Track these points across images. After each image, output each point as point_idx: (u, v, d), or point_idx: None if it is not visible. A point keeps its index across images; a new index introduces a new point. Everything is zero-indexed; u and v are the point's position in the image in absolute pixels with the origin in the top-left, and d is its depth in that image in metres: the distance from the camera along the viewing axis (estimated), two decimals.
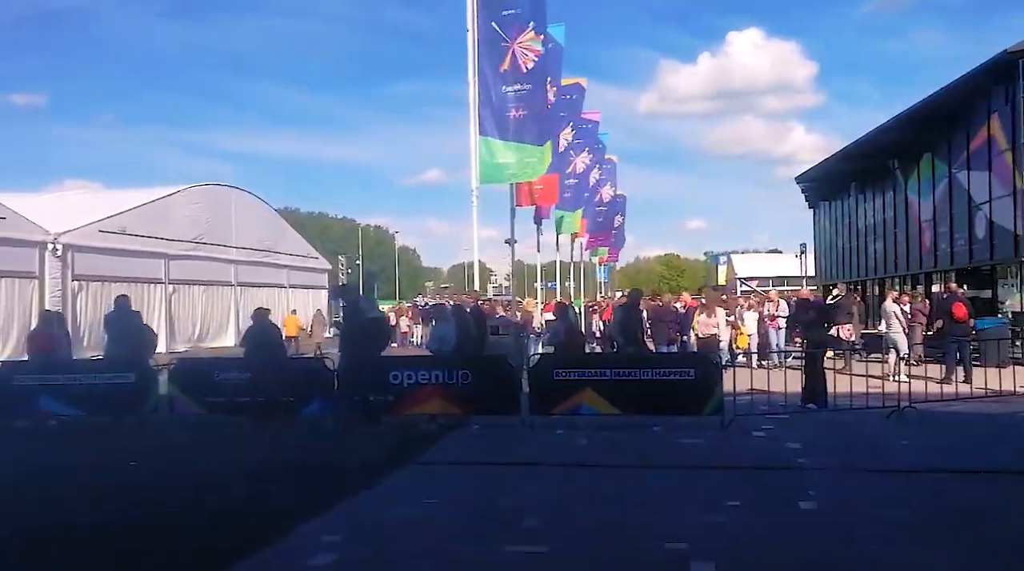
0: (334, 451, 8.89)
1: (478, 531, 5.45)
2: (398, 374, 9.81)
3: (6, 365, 10.78)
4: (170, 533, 5.62)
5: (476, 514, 5.94)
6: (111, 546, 5.33)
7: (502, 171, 14.28)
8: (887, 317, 13.81)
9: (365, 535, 5.40)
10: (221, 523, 5.87)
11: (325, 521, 5.74)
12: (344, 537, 5.32)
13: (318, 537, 5.31)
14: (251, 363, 10.33)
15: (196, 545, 5.32)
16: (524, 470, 7.64)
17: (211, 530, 5.69)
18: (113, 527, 5.79)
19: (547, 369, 9.53)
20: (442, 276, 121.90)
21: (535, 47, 13.95)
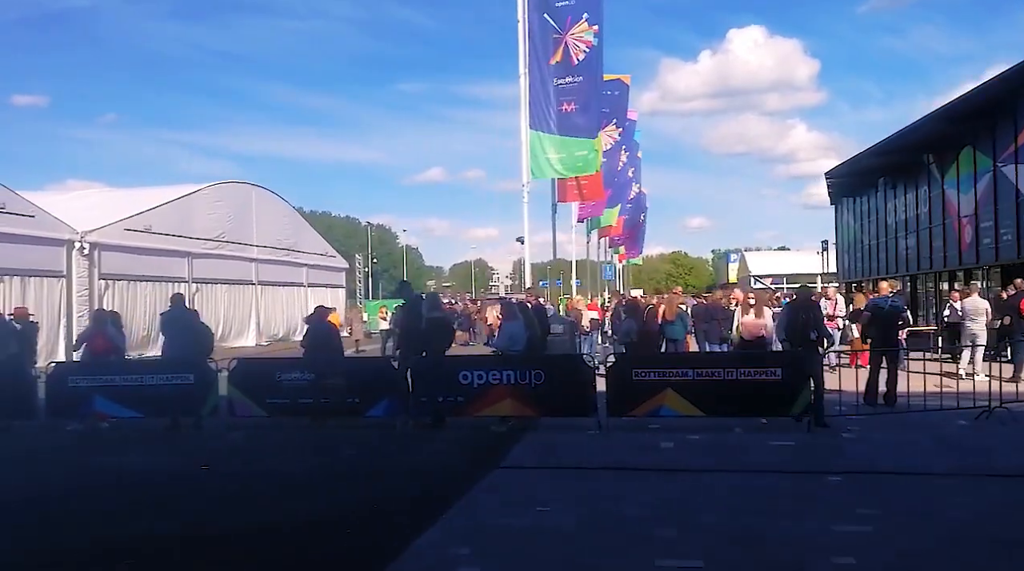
0: (410, 454, 8.57)
1: (615, 543, 5.11)
2: (468, 374, 9.46)
3: (60, 366, 10.43)
4: (278, 542, 5.32)
5: (598, 522, 5.61)
6: (226, 554, 5.03)
7: (553, 165, 13.96)
8: (972, 313, 13.38)
9: (497, 548, 5.06)
10: (332, 532, 5.54)
11: (444, 532, 5.41)
12: (475, 550, 4.99)
13: (445, 550, 4.98)
14: (314, 363, 9.99)
15: (317, 557, 5.00)
16: (618, 474, 7.28)
17: (325, 540, 5.36)
18: (221, 534, 5.50)
19: (626, 369, 9.17)
20: (444, 275, 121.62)
21: (587, 38, 13.63)
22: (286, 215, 36.05)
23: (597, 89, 13.77)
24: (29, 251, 20.00)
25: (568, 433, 9.19)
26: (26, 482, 7.55)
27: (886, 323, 10.90)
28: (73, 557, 5.17)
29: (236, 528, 5.74)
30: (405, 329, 10.67)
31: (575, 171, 14.06)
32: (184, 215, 27.45)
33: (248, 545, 5.34)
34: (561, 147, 13.80)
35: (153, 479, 7.57)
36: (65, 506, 6.57)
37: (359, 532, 5.52)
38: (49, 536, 5.66)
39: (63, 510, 6.43)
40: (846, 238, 41.32)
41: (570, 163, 13.80)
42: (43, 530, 5.83)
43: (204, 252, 28.34)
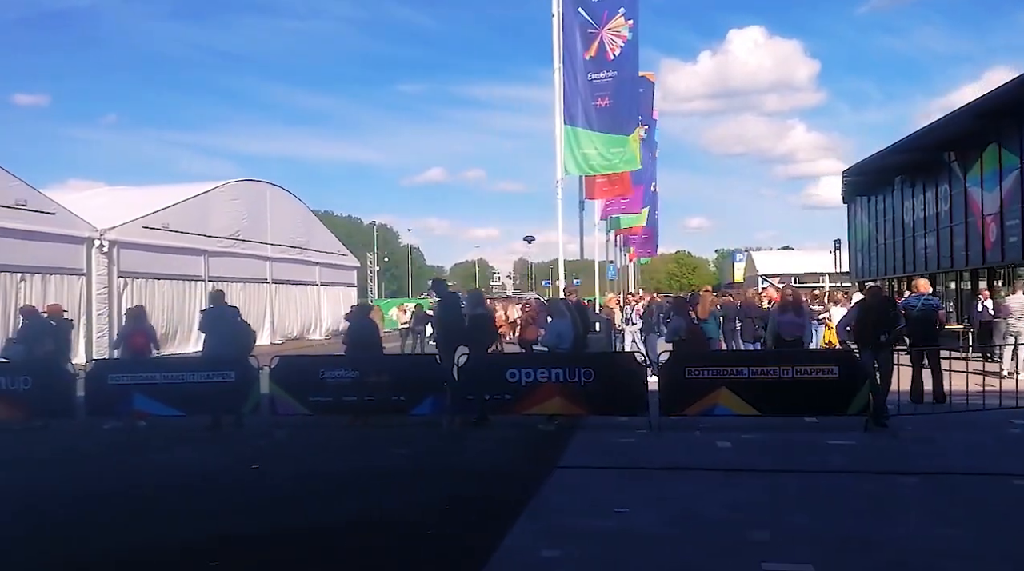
0: (462, 453, 8.42)
1: (712, 545, 4.95)
2: (515, 372, 9.30)
3: (100, 363, 10.29)
4: (361, 543, 5.17)
5: (685, 524, 5.45)
6: (314, 554, 4.89)
7: (588, 161, 13.77)
8: (1019, 311, 13.17)
9: (591, 551, 4.90)
10: (412, 533, 5.39)
11: (529, 533, 5.25)
12: (566, 553, 4.83)
13: (537, 553, 4.83)
14: (358, 361, 9.83)
15: (409, 557, 4.85)
16: (683, 475, 7.12)
17: (410, 541, 5.21)
18: (297, 533, 5.35)
19: (679, 367, 9.01)
20: (445, 274, 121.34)
21: (623, 33, 13.43)
22: (299, 213, 35.92)
23: (633, 84, 13.58)
24: (50, 248, 19.88)
25: (618, 432, 9.03)
26: (75, 482, 7.40)
27: (921, 323, 10.68)
28: (155, 556, 5.02)
29: (311, 527, 5.59)
30: (443, 326, 10.52)
31: (610, 167, 13.87)
32: (200, 213, 27.33)
33: (333, 544, 5.21)
34: (596, 143, 13.62)
35: (206, 479, 7.42)
36: (126, 507, 6.41)
37: (441, 533, 5.37)
38: (122, 537, 5.52)
39: (125, 511, 6.28)
40: (860, 237, 41.09)
41: (605, 159, 13.60)
42: (113, 531, 5.69)
43: (220, 250, 28.22)
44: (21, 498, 6.79)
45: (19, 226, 18.72)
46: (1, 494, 6.97)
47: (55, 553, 5.16)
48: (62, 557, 5.08)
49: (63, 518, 6.09)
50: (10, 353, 10.65)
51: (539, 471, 7.30)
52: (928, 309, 10.57)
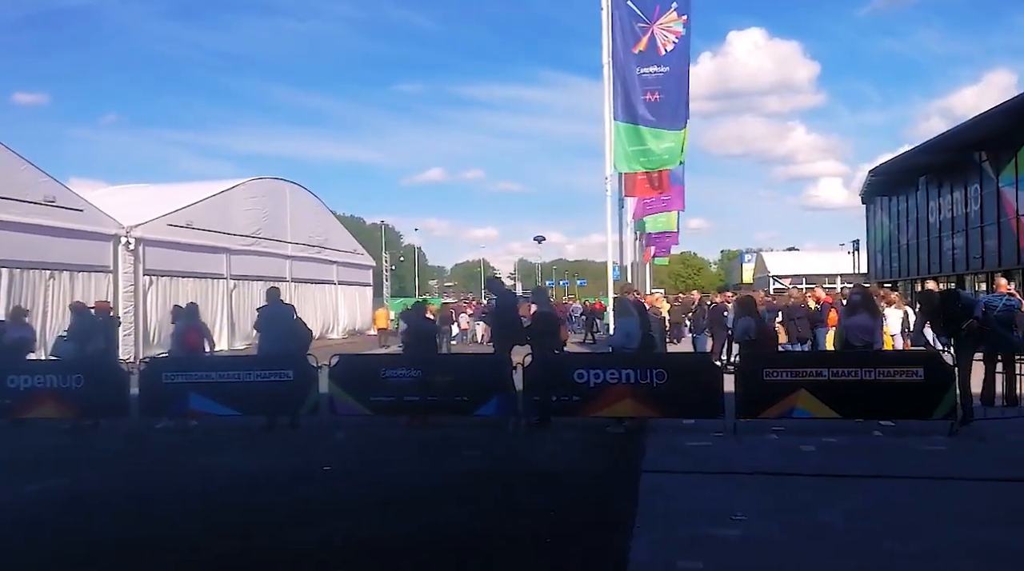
0: (536, 456, 8.16)
1: (857, 557, 4.69)
2: (584, 373, 9.03)
3: (155, 361, 10.04)
4: (477, 549, 4.92)
5: (814, 534, 5.19)
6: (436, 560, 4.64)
7: (636, 157, 13.53)
8: None
9: (729, 563, 4.64)
10: (530, 539, 5.13)
11: (653, 543, 4.99)
12: (705, 564, 4.56)
13: (673, 564, 4.57)
14: (420, 360, 9.58)
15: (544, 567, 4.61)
16: (778, 480, 6.84)
17: (530, 547, 4.96)
18: (398, 539, 5.10)
19: (756, 369, 8.74)
20: (445, 275, 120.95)
21: (676, 28, 13.20)
22: (317, 212, 35.70)
23: (684, 80, 13.30)
24: (78, 246, 19.65)
25: (691, 436, 8.76)
26: (134, 485, 7.15)
27: (1002, 323, 10.41)
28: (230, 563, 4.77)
29: (412, 535, 5.34)
30: (498, 325, 10.28)
31: (659, 164, 13.61)
32: (222, 211, 27.11)
33: (451, 553, 4.95)
34: (645, 138, 13.37)
35: (280, 482, 7.18)
36: (194, 512, 6.16)
37: (561, 542, 5.11)
38: (209, 546, 5.27)
39: (196, 518, 6.02)
40: (879, 238, 40.79)
41: (654, 155, 13.36)
42: (188, 541, 5.44)
43: (241, 248, 28.00)
44: (80, 501, 6.55)
45: (48, 223, 18.50)
46: (62, 499, 6.71)
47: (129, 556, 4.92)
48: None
49: (122, 521, 5.85)
50: (61, 351, 10.41)
51: (627, 476, 7.05)
52: (1009, 309, 10.30)
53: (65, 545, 5.33)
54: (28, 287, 17.79)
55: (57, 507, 6.38)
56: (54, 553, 5.17)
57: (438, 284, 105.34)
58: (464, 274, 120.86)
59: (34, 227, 18.05)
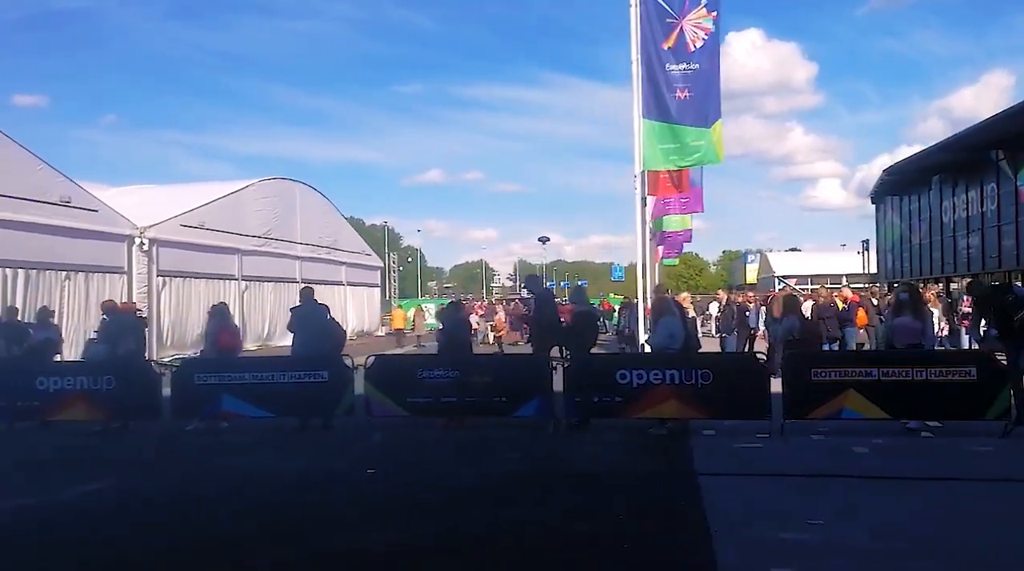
0: (582, 458, 7.99)
1: (959, 561, 4.51)
2: (626, 373, 8.86)
3: (187, 363, 9.87)
4: (542, 553, 4.75)
5: (893, 538, 5.03)
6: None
7: (666, 155, 13.34)
8: None
9: (822, 569, 4.46)
10: (607, 544, 4.96)
11: (740, 548, 4.82)
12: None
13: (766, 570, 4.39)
14: (458, 360, 9.41)
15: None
16: (841, 482, 6.66)
17: (606, 553, 4.79)
18: (463, 543, 4.95)
19: (803, 369, 8.57)
20: (444, 276, 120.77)
21: (706, 25, 12.98)
22: (326, 213, 35.49)
23: (715, 77, 13.10)
24: (93, 246, 19.47)
25: (735, 437, 8.58)
26: (178, 487, 6.98)
27: None
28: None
29: (469, 537, 5.18)
30: (538, 324, 10.11)
31: (690, 162, 13.42)
32: (233, 212, 26.91)
33: (520, 554, 4.78)
34: (675, 136, 13.17)
35: (325, 483, 7.03)
36: (251, 514, 5.99)
37: (638, 546, 4.94)
38: (266, 549, 5.10)
39: (255, 519, 5.85)
40: (890, 237, 40.57)
41: (685, 153, 13.16)
42: (233, 547, 5.26)
43: (252, 249, 27.81)
44: (125, 504, 6.38)
45: (64, 223, 18.30)
46: (107, 502, 6.54)
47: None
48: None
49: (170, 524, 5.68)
50: (92, 353, 10.23)
51: (682, 478, 6.92)
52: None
53: (120, 550, 5.16)
54: (44, 288, 17.59)
55: (104, 511, 6.22)
56: (111, 558, 5.00)
57: (437, 285, 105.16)
58: (464, 275, 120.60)
59: (50, 228, 17.86)
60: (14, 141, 17.21)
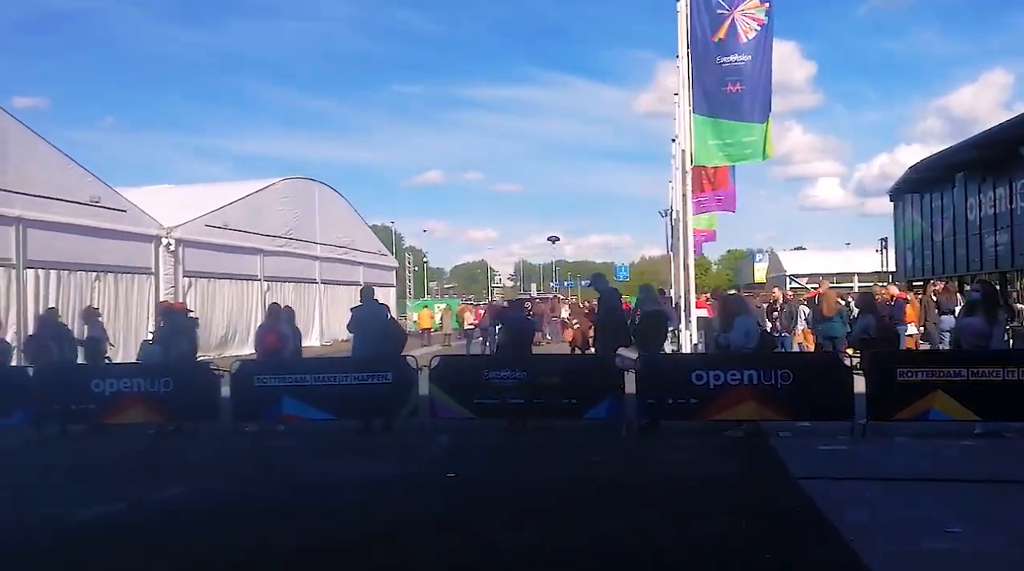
0: (666, 461, 7.72)
1: None
2: (703, 374, 8.59)
3: (246, 364, 9.62)
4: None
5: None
6: None
7: (717, 151, 13.08)
8: None
9: None
10: (729, 555, 4.70)
11: (888, 559, 4.56)
12: None
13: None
14: (526, 361, 9.16)
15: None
16: (950, 487, 6.40)
17: (747, 561, 4.53)
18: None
19: (889, 369, 8.30)
20: (445, 276, 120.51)
21: (758, 16, 12.70)
22: (344, 212, 35.30)
23: (767, 69, 12.82)
24: (122, 247, 19.29)
25: (818, 439, 8.32)
26: (258, 490, 6.74)
27: None
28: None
29: (588, 547, 4.92)
30: (602, 323, 9.86)
31: (741, 158, 13.13)
32: (255, 212, 26.73)
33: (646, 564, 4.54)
34: (725, 132, 12.92)
35: (406, 487, 6.81)
36: (341, 518, 5.74)
37: (782, 558, 4.68)
38: (367, 552, 4.86)
39: (346, 523, 5.61)
40: (910, 235, 40.24)
41: (736, 149, 12.90)
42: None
43: (274, 250, 27.64)
44: (209, 509, 6.13)
45: (93, 224, 18.12)
46: (189, 507, 6.29)
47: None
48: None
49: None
50: (148, 354, 10.00)
51: (782, 482, 6.66)
52: None
53: (220, 555, 4.93)
54: (76, 289, 17.41)
55: (201, 514, 6.00)
56: (240, 560, 4.81)
57: (438, 286, 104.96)
58: (464, 276, 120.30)
59: (80, 228, 17.68)
60: (45, 140, 17.03)
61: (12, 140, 15.95)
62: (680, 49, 13.39)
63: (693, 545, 4.99)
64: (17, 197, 15.79)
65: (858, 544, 4.82)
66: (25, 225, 15.98)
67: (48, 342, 9.84)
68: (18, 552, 5.10)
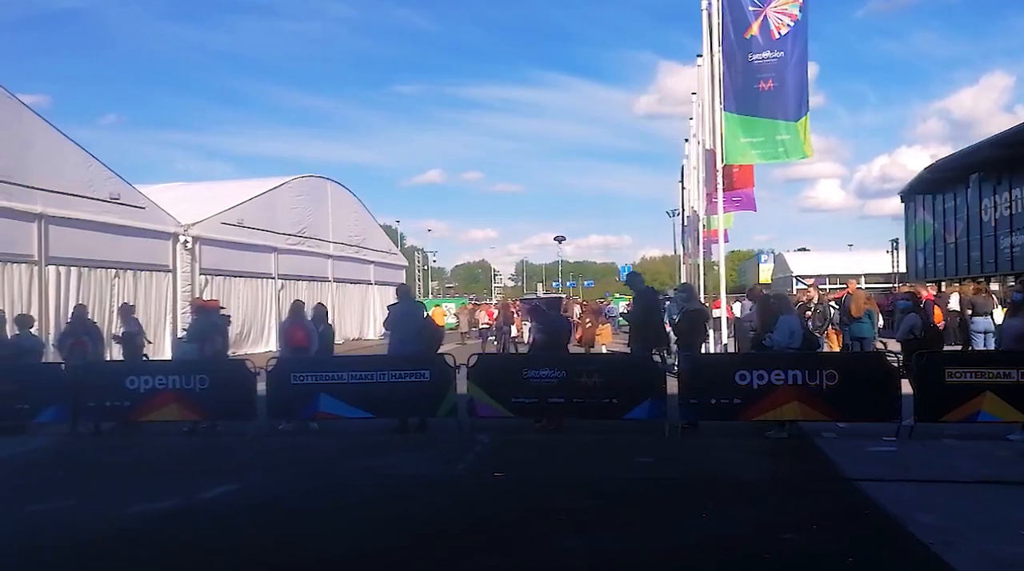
0: (713, 461, 7.62)
1: None
2: (746, 374, 8.48)
3: (281, 361, 9.50)
4: None
5: None
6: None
7: (749, 149, 12.98)
8: None
9: None
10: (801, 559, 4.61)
11: (977, 561, 4.47)
12: None
13: None
14: (565, 360, 9.06)
15: None
16: (1006, 489, 6.32)
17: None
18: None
19: (937, 369, 8.19)
20: (446, 276, 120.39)
21: (792, 11, 12.63)
22: (356, 211, 35.17)
23: (802, 66, 12.70)
24: (140, 244, 19.18)
25: (863, 440, 8.21)
26: (308, 489, 6.65)
27: None
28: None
29: (690, 545, 4.82)
30: (639, 322, 9.75)
31: (774, 157, 13.02)
32: (269, 210, 26.62)
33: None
34: (758, 129, 12.83)
35: (466, 488, 6.72)
36: (403, 518, 5.65)
37: (864, 560, 4.59)
38: (442, 555, 4.76)
39: (409, 523, 5.51)
40: (921, 237, 40.10)
41: (769, 147, 12.80)
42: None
43: (288, 248, 27.53)
44: (269, 507, 6.04)
45: (113, 221, 18.01)
46: (245, 505, 6.20)
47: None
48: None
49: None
50: (182, 353, 9.91)
51: (837, 484, 6.59)
52: None
53: (280, 554, 4.85)
54: (95, 286, 17.32)
55: (245, 513, 5.92)
56: (318, 555, 4.75)
57: (439, 285, 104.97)
58: (465, 275, 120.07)
59: (100, 225, 17.58)
60: (67, 137, 16.92)
61: (35, 136, 15.86)
62: (703, 48, 13.32)
63: (773, 547, 4.89)
64: (40, 193, 15.70)
65: (939, 547, 4.73)
66: (47, 222, 15.89)
67: (83, 338, 9.77)
68: (83, 547, 5.03)
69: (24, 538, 5.24)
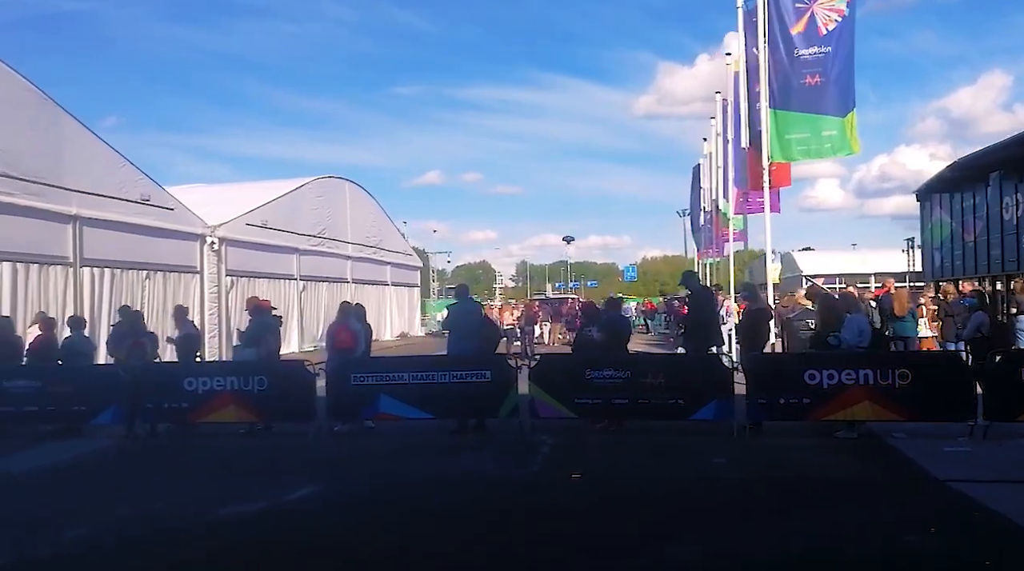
0: (789, 462, 7.52)
1: None
2: (816, 373, 8.38)
3: (340, 362, 9.40)
4: None
5: None
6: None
7: (795, 146, 12.87)
8: None
9: None
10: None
11: None
12: None
13: None
14: (629, 360, 8.96)
15: None
16: None
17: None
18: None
19: (1011, 368, 8.08)
20: (447, 277, 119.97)
21: (839, 7, 12.53)
22: (373, 212, 35.13)
23: (849, 61, 12.59)
24: (170, 245, 19.13)
25: (935, 440, 8.10)
26: (387, 492, 6.55)
27: None
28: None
29: (806, 549, 4.72)
30: (694, 322, 9.66)
31: (820, 154, 12.92)
32: (291, 211, 26.57)
33: None
34: (804, 126, 12.72)
35: (545, 490, 6.65)
36: (492, 521, 5.56)
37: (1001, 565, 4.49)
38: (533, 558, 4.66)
39: (500, 525, 5.42)
40: (938, 236, 39.90)
41: (815, 144, 12.69)
42: None
43: (309, 249, 27.48)
44: (355, 508, 5.95)
45: (143, 222, 17.95)
46: (331, 505, 6.11)
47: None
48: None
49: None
50: (242, 355, 9.82)
51: (931, 486, 6.46)
52: None
53: (370, 553, 4.79)
54: (127, 288, 17.26)
55: (332, 514, 5.82)
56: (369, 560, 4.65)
57: (440, 286, 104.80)
58: (466, 277, 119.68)
59: (132, 226, 17.51)
60: (100, 139, 16.88)
61: (68, 137, 15.80)
62: (737, 46, 13.20)
63: (890, 550, 4.79)
64: (75, 195, 15.64)
65: None
66: (82, 223, 15.82)
67: (142, 339, 9.68)
68: (194, 550, 4.96)
69: (128, 542, 5.15)
